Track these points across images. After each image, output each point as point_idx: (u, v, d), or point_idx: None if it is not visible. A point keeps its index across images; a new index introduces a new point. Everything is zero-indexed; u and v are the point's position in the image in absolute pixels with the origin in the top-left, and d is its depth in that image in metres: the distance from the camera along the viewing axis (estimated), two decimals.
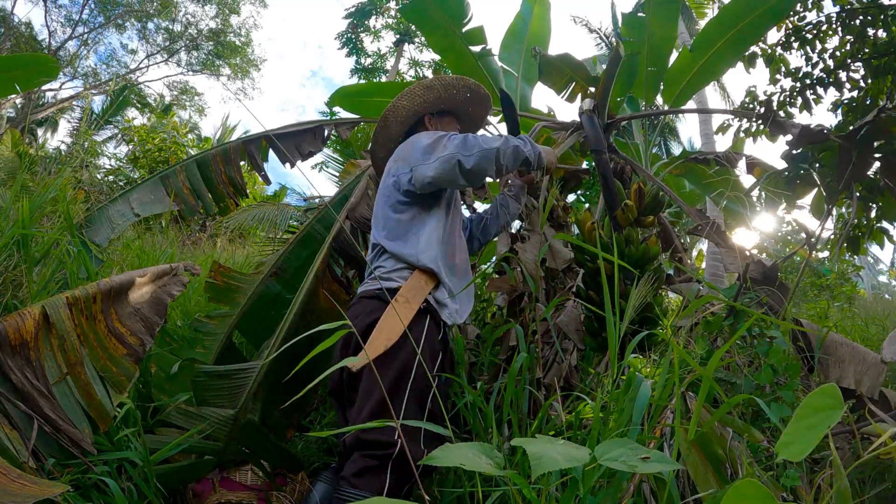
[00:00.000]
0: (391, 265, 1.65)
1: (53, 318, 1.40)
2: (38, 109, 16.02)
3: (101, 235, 2.42)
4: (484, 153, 1.63)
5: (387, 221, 1.71)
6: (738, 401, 0.95)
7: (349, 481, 1.35)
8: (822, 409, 0.69)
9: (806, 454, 0.66)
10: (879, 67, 3.02)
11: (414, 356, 1.45)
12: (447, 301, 1.64)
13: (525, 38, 3.94)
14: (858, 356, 1.57)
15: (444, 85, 1.94)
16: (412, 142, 1.75)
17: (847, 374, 1.54)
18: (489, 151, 1.64)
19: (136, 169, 8.94)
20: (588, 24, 15.84)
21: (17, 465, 1.15)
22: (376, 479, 1.34)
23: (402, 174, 1.71)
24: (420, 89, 1.92)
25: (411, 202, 1.71)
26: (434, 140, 1.68)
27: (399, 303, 1.50)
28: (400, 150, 1.81)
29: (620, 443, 0.79)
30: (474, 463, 0.73)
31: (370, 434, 1.37)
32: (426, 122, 1.98)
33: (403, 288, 1.56)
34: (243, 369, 1.70)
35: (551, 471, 0.84)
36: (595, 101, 2.56)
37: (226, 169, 2.79)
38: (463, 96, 2.01)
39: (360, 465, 1.36)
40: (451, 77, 1.96)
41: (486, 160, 1.64)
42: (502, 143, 1.69)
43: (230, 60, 19.20)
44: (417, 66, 19.83)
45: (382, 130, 1.98)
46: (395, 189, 1.73)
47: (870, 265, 19.60)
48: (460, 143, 1.64)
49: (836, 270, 7.14)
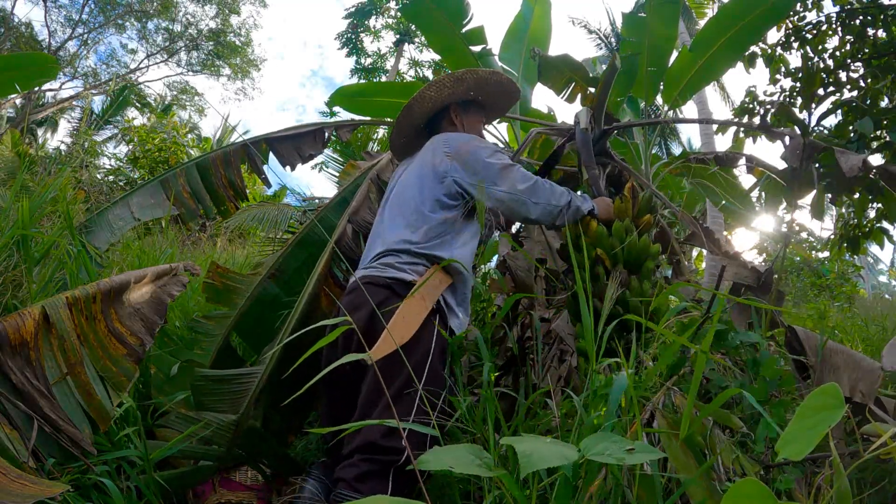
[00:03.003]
0: (407, 258, 1.58)
1: (53, 318, 1.40)
2: (38, 109, 16.02)
3: (100, 239, 2.42)
4: (548, 209, 1.72)
5: (421, 218, 1.64)
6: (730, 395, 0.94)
7: (351, 485, 1.30)
8: (822, 409, 0.69)
9: (806, 453, 0.66)
10: (879, 67, 3.02)
11: (426, 357, 1.39)
12: (456, 309, 1.60)
13: (525, 39, 3.94)
14: (853, 363, 1.55)
15: (475, 78, 1.93)
16: (470, 150, 1.73)
17: (842, 382, 1.52)
18: (554, 208, 1.73)
19: (136, 169, 8.93)
20: (587, 26, 15.86)
21: (17, 465, 1.15)
22: (380, 485, 1.30)
23: (460, 177, 1.68)
24: (450, 80, 1.90)
25: (458, 206, 1.69)
26: (504, 166, 1.71)
27: (415, 298, 1.43)
28: (453, 147, 1.75)
29: (605, 437, 0.80)
30: (464, 465, 0.73)
31: (376, 436, 1.31)
32: (451, 112, 1.97)
33: (420, 283, 1.49)
34: (245, 374, 1.69)
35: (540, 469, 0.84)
36: (591, 109, 2.54)
37: (226, 172, 2.79)
38: (493, 89, 2.01)
39: (363, 470, 1.31)
40: (485, 71, 1.95)
41: (548, 215, 1.73)
42: (566, 200, 1.75)
43: (230, 60, 19.20)
44: (417, 66, 19.85)
45: (405, 118, 1.95)
46: (440, 186, 1.69)
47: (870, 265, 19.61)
48: (530, 188, 1.70)
49: (836, 270, 7.15)
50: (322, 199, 2.90)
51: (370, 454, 1.32)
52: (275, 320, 2.12)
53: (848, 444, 1.35)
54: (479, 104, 2.05)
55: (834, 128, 2.99)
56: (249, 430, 1.65)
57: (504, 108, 2.15)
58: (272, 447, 1.75)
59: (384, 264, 1.60)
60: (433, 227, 1.62)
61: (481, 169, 1.69)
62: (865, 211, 2.97)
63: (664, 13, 3.23)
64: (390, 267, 1.58)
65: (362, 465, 1.32)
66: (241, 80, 19.71)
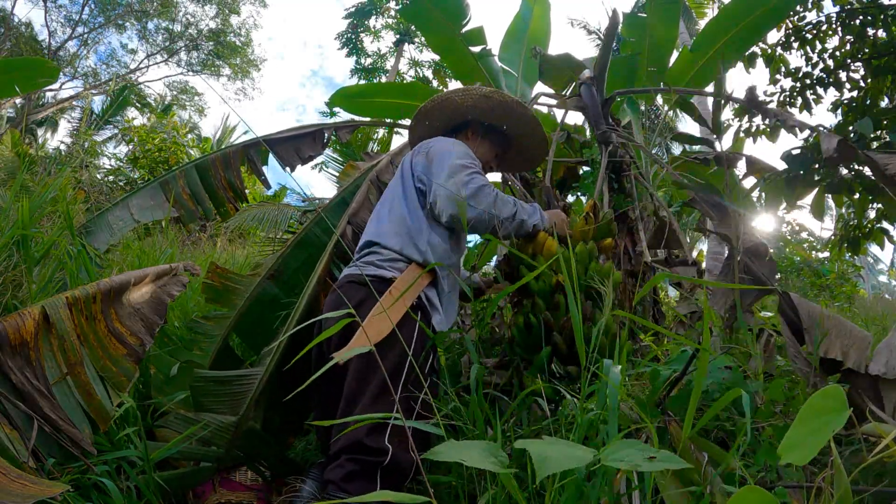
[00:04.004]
0: (387, 254, 1.59)
1: (53, 318, 1.40)
2: (38, 109, 16.02)
3: (100, 240, 2.42)
4: (483, 217, 1.61)
5: (398, 215, 1.65)
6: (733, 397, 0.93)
7: (338, 485, 1.28)
8: (825, 412, 0.68)
9: (810, 458, 0.65)
10: (879, 67, 3.02)
11: (405, 356, 1.36)
12: (438, 306, 1.58)
13: (525, 39, 3.94)
14: (845, 330, 1.54)
15: (500, 101, 1.89)
16: (443, 149, 1.71)
17: (833, 347, 1.51)
18: (491, 217, 1.62)
19: (136, 169, 8.93)
20: (587, 26, 15.85)
21: (17, 465, 1.15)
22: (368, 485, 1.28)
23: (420, 171, 1.69)
24: (476, 93, 1.88)
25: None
26: (461, 167, 1.64)
27: (392, 295, 1.42)
28: (430, 146, 1.75)
29: (626, 443, 0.78)
30: (477, 460, 0.72)
31: (360, 435, 1.30)
32: (470, 128, 1.94)
33: (398, 280, 1.49)
34: (244, 376, 1.69)
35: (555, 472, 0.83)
36: (593, 73, 2.53)
37: (226, 174, 2.79)
38: (514, 123, 1.95)
39: (349, 470, 1.30)
40: (511, 99, 1.91)
41: (483, 223, 1.63)
42: (509, 212, 1.66)
43: (230, 61, 19.20)
44: (417, 66, 19.85)
45: (423, 117, 1.95)
46: (413, 181, 1.70)
47: (870, 265, 19.61)
48: (474, 191, 1.61)
49: (836, 270, 7.15)
50: (322, 200, 2.90)
51: (355, 454, 1.31)
52: (274, 321, 2.12)
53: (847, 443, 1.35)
54: (502, 137, 2.00)
55: (834, 128, 3.00)
56: (249, 432, 1.65)
57: (528, 160, 2.08)
58: (271, 448, 1.75)
59: (365, 262, 1.61)
60: (409, 224, 1.63)
61: (436, 163, 1.67)
62: (865, 211, 2.97)
63: (664, 13, 3.24)
64: (371, 265, 1.59)
65: (348, 465, 1.31)
66: (241, 80, 19.72)
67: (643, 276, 2.32)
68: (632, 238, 2.58)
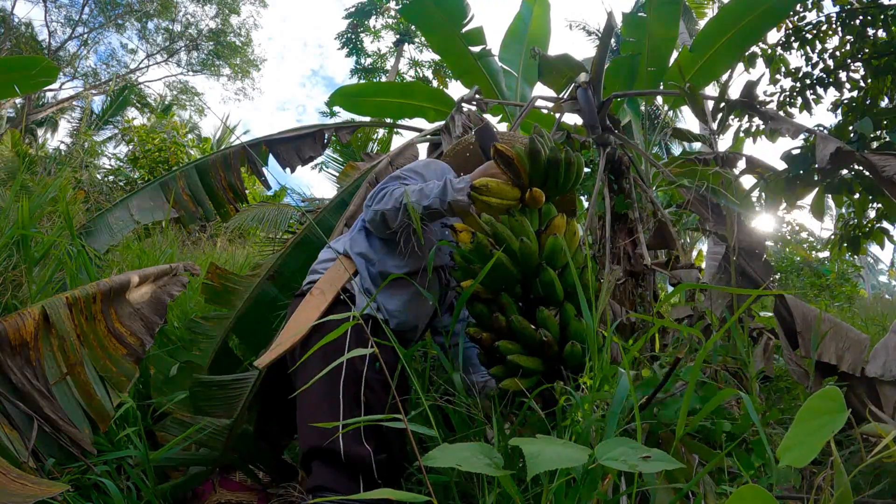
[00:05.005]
0: (324, 255, 1.62)
1: (53, 318, 1.40)
2: (38, 109, 16.02)
3: (100, 241, 2.42)
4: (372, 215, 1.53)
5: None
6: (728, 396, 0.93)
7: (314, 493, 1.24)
8: (823, 413, 0.67)
9: (809, 460, 0.64)
10: (879, 67, 3.02)
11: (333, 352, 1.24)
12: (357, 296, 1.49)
13: (525, 39, 3.94)
14: (840, 332, 1.54)
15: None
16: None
17: (828, 350, 1.51)
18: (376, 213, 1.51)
19: (136, 169, 8.92)
20: (586, 27, 15.83)
21: (17, 465, 1.15)
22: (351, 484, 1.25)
23: None
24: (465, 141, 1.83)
25: None
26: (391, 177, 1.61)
27: (314, 295, 1.42)
28: None
29: (620, 441, 0.78)
30: (471, 464, 0.72)
31: (315, 440, 1.26)
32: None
33: (321, 279, 1.49)
34: (240, 379, 1.69)
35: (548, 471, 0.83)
36: (590, 75, 2.53)
37: (226, 175, 2.79)
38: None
39: (325, 475, 1.26)
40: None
41: (375, 223, 1.55)
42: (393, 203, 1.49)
43: (230, 60, 19.20)
44: (417, 66, 19.83)
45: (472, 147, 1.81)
46: None
47: (870, 265, 19.60)
48: (376, 191, 1.56)
49: (836, 270, 7.14)
50: (322, 200, 2.90)
51: (318, 458, 1.28)
52: (273, 322, 2.12)
53: (846, 443, 1.35)
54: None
55: (834, 128, 2.99)
56: (242, 435, 1.65)
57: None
58: (265, 451, 1.75)
59: (310, 271, 1.63)
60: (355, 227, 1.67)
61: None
62: (865, 211, 2.97)
63: (664, 13, 3.24)
64: (311, 273, 1.61)
65: (323, 471, 1.28)
66: (241, 80, 19.72)
67: (643, 277, 2.32)
68: (632, 239, 2.58)
